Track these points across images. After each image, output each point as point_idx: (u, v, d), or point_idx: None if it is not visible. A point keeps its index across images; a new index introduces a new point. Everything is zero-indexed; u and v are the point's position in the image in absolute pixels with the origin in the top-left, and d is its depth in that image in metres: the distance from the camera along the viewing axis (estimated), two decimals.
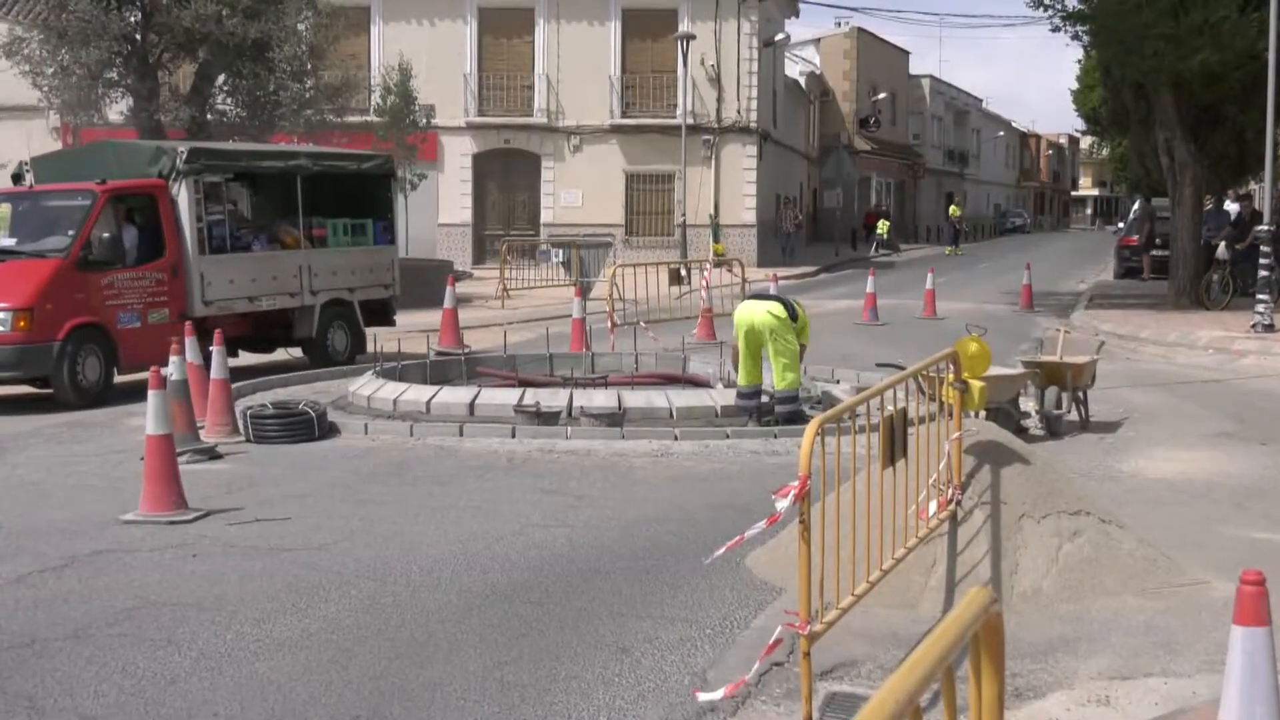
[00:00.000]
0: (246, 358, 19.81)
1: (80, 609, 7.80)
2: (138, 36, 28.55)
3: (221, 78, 30.03)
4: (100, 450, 13.10)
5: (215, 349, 14.00)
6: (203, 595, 8.06)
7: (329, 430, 13.74)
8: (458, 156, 45.61)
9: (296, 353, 19.93)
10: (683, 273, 30.15)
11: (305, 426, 13.47)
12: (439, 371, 16.87)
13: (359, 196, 20.98)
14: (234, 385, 14.50)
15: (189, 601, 7.93)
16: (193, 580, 8.42)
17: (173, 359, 12.62)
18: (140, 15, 28.52)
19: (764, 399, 13.80)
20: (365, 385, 15.37)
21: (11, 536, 9.57)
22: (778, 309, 13.53)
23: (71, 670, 6.76)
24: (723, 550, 6.87)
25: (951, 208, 70.96)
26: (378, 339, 19.49)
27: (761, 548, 8.65)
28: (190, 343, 14.11)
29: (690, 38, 41.78)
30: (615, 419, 13.76)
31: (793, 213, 47.03)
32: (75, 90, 28.32)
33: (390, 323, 21.43)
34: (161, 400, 10.40)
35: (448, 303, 21.49)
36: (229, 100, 30.25)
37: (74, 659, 6.92)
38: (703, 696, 6.33)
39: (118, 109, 30.61)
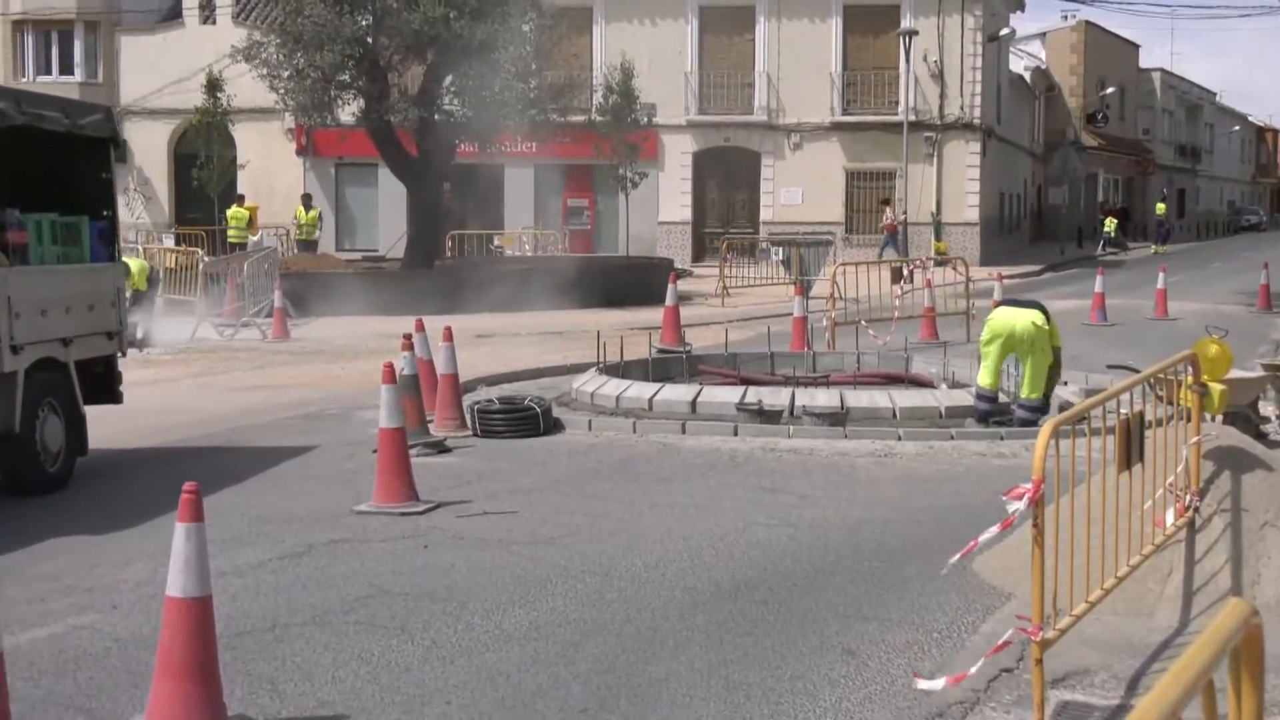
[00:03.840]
0: None
1: (318, 596, 8.05)
2: (369, 39, 29.47)
3: (448, 79, 30.73)
4: (334, 442, 13.48)
5: (443, 344, 14.26)
6: (434, 586, 8.25)
7: (554, 426, 13.93)
8: (678, 155, 45.81)
9: None
10: (905, 271, 29.81)
11: (531, 422, 13.68)
12: (661, 369, 16.97)
13: (66, 178, 12.34)
14: (461, 381, 14.79)
15: (421, 591, 8.13)
16: (424, 571, 8.62)
17: (403, 354, 12.92)
18: (371, 19, 29.45)
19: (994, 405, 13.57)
20: (589, 382, 15.54)
21: (253, 523, 9.91)
22: (1040, 319, 13.26)
23: (310, 655, 6.98)
24: (957, 558, 6.79)
25: (1158, 205, 68.86)
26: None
27: (989, 551, 8.49)
28: (419, 338, 14.40)
29: (913, 33, 41.38)
30: (838, 418, 13.68)
31: (889, 212, 41.70)
32: (310, 93, 29.34)
33: (115, 398, 12.56)
34: (394, 395, 10.67)
35: (669, 300, 21.55)
36: (456, 101, 30.94)
37: (312, 644, 7.14)
38: (922, 684, 6.27)
39: (349, 110, 31.53)
